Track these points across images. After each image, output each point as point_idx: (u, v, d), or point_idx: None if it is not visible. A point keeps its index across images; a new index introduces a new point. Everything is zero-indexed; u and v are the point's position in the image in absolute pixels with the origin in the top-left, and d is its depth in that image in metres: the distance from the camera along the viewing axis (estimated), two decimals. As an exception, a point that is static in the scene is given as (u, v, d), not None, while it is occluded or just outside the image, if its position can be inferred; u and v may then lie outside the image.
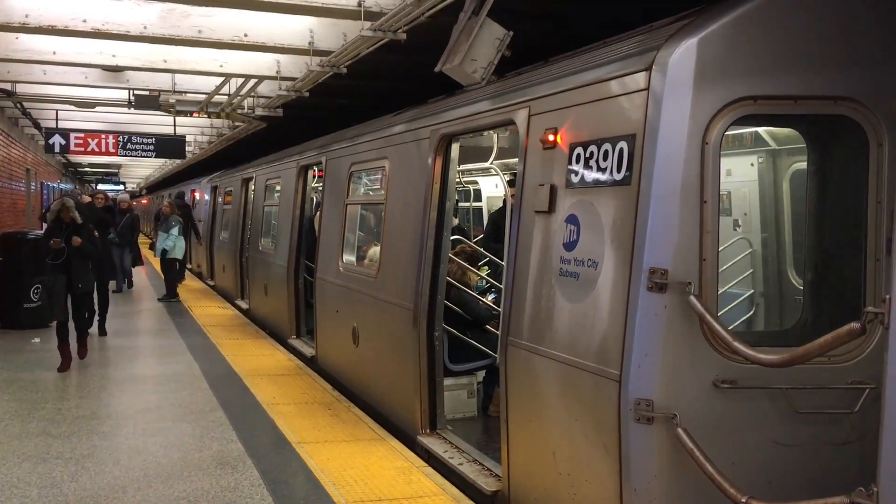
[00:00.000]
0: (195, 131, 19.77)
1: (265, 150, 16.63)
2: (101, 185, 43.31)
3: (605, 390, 4.07)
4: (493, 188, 13.94)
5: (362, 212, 9.65)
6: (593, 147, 4.41)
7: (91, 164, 35.01)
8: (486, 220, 12.84)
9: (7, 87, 12.70)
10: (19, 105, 14.98)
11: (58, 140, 15.80)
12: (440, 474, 5.83)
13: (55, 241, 9.35)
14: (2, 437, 6.76)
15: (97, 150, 16.11)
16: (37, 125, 17.67)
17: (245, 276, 14.90)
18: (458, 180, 7.34)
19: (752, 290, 6.44)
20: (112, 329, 12.60)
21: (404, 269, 6.89)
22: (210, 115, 13.74)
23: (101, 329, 11.73)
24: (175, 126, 16.87)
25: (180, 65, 10.45)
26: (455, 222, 9.24)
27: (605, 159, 4.30)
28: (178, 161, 25.39)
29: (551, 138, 4.78)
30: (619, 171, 4.19)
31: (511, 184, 6.61)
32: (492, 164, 7.09)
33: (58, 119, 16.58)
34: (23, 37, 9.64)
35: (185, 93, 12.88)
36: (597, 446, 4.17)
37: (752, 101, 3.93)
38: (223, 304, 15.87)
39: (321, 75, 9.38)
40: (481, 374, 7.41)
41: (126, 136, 16.38)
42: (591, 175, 4.42)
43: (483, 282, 8.39)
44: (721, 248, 4.17)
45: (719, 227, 3.96)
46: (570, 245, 4.52)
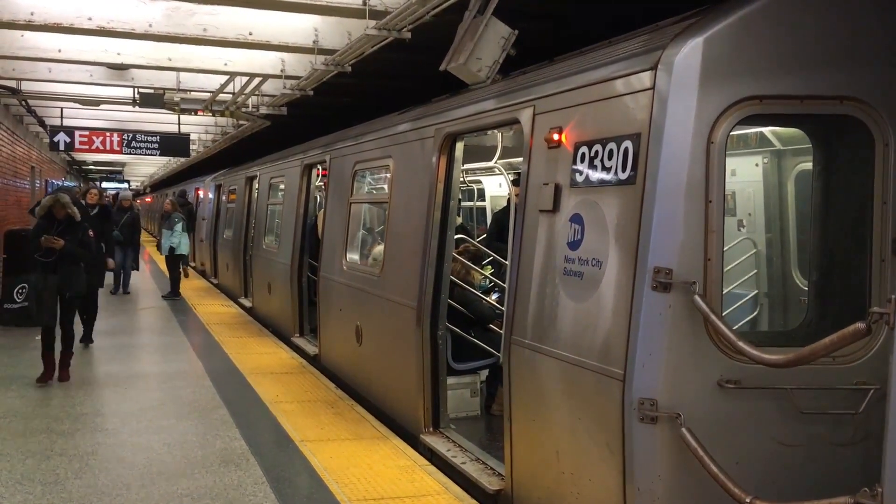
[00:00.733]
0: (199, 130, 19.80)
1: (269, 148, 16.65)
2: (105, 183, 43.35)
3: (609, 390, 4.07)
4: (496, 187, 13.95)
5: (366, 210, 9.65)
6: (598, 146, 4.41)
7: (95, 162, 35.07)
8: (489, 220, 12.84)
9: (12, 84, 12.72)
10: (24, 103, 15.01)
11: (62, 138, 15.83)
12: (443, 473, 5.83)
13: (46, 238, 8.46)
14: (6, 433, 6.77)
15: (102, 147, 16.14)
16: (41, 123, 17.70)
17: (248, 274, 14.92)
18: (461, 179, 7.34)
19: (757, 291, 6.43)
20: (115, 327, 12.63)
21: (408, 268, 6.89)
22: (214, 114, 13.75)
23: (87, 337, 10.83)
24: (179, 124, 16.89)
25: (185, 63, 10.47)
26: (458, 221, 9.24)
27: (610, 159, 4.30)
28: (183, 159, 25.41)
29: (556, 137, 4.78)
30: (623, 170, 4.18)
31: (515, 183, 6.61)
32: (496, 163, 7.09)
33: (62, 117, 16.61)
34: (28, 34, 9.66)
35: (190, 91, 12.89)
36: (600, 446, 4.17)
37: (757, 100, 3.93)
38: (227, 302, 15.88)
39: (325, 74, 9.39)
40: (484, 373, 7.40)
41: (130, 135, 16.41)
42: (596, 174, 4.42)
43: (486, 281, 8.39)
44: (726, 248, 4.16)
45: (724, 227, 3.95)
46: (574, 244, 4.51)
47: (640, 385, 3.90)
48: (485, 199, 14.52)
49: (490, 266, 8.86)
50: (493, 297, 8.12)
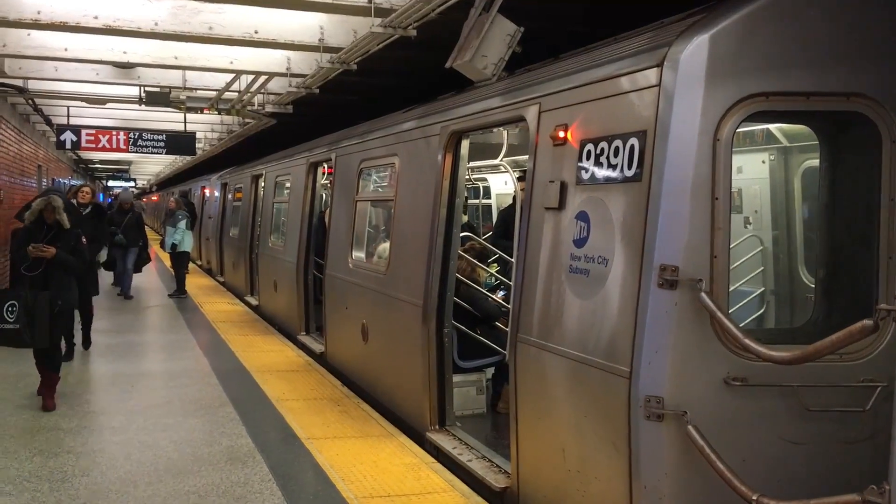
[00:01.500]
0: (205, 128, 19.82)
1: (275, 146, 16.66)
2: (111, 182, 43.44)
3: (615, 387, 4.07)
4: (502, 185, 13.93)
5: (372, 208, 9.65)
6: (604, 144, 4.40)
7: (102, 161, 35.13)
8: (495, 217, 12.83)
9: (19, 83, 12.75)
10: (31, 101, 15.05)
11: (69, 136, 15.87)
12: (449, 471, 5.84)
13: (35, 247, 7.44)
14: (14, 431, 6.80)
15: (108, 146, 16.16)
16: (48, 121, 17.74)
17: (254, 272, 14.94)
18: (467, 177, 7.33)
19: (763, 288, 6.42)
20: (122, 325, 12.67)
21: (414, 266, 6.89)
22: (220, 112, 13.78)
23: (86, 340, 10.31)
24: (185, 123, 16.91)
25: (191, 61, 10.47)
26: (464, 219, 9.24)
27: (616, 156, 4.29)
28: (189, 158, 25.45)
29: (561, 135, 4.77)
30: (629, 167, 4.18)
31: (521, 180, 6.61)
32: (501, 160, 7.09)
33: (69, 115, 16.65)
34: (34, 33, 9.69)
35: (196, 89, 12.91)
36: (606, 443, 4.17)
37: (763, 97, 3.92)
38: (233, 300, 15.91)
39: (331, 72, 9.39)
40: (490, 371, 7.41)
41: (137, 133, 16.43)
42: (602, 172, 4.41)
43: (492, 279, 8.39)
44: (732, 245, 4.15)
45: (730, 225, 3.94)
46: (580, 242, 4.51)
47: (647, 382, 3.89)
48: (490, 197, 14.51)
49: (496, 264, 8.85)
50: (499, 294, 8.13)
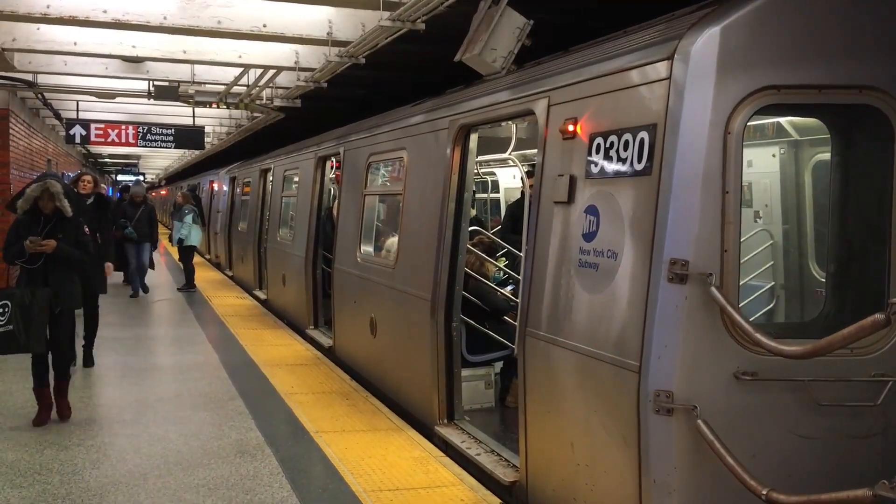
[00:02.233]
0: (214, 122, 19.85)
1: (283, 141, 16.68)
2: (121, 176, 43.56)
3: (625, 381, 4.06)
4: (511, 179, 13.91)
5: (380, 202, 9.65)
6: (613, 137, 4.38)
7: (111, 155, 35.23)
8: (503, 212, 12.82)
9: (28, 77, 12.79)
10: (40, 96, 15.09)
11: (78, 131, 15.92)
12: (458, 464, 5.84)
13: (32, 240, 6.65)
14: (24, 424, 6.83)
15: (117, 140, 16.21)
16: (58, 116, 17.80)
17: (263, 266, 14.97)
18: (476, 171, 7.32)
19: (774, 282, 6.39)
20: (132, 318, 12.71)
21: (422, 260, 6.89)
22: (229, 106, 13.79)
23: (87, 358, 9.09)
24: (194, 117, 16.95)
25: (199, 55, 10.49)
26: (473, 213, 9.23)
27: (626, 149, 4.27)
28: (197, 152, 25.51)
29: (571, 128, 4.76)
30: (639, 161, 4.16)
31: (530, 175, 6.59)
32: (510, 154, 7.07)
33: (78, 110, 16.70)
34: (44, 27, 9.71)
35: (205, 84, 12.93)
36: (616, 438, 4.16)
37: (775, 90, 3.89)
38: (241, 294, 15.95)
39: (339, 66, 9.38)
40: (499, 365, 7.40)
41: (146, 127, 16.47)
42: (612, 165, 4.39)
43: (501, 273, 8.38)
44: (742, 239, 4.13)
45: (741, 218, 3.92)
46: (589, 236, 4.50)
47: (656, 377, 3.88)
48: (499, 191, 14.50)
49: (504, 258, 8.84)
50: (508, 289, 8.12)
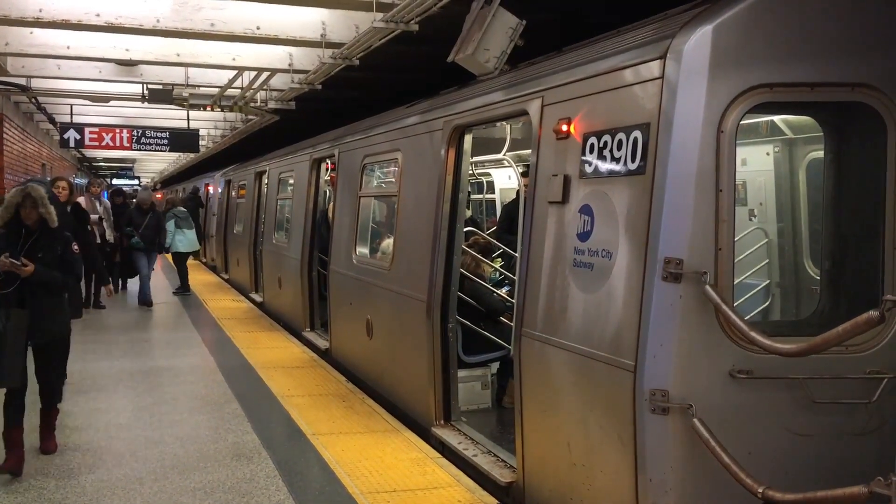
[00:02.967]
0: (208, 125, 19.85)
1: (278, 143, 16.66)
2: (116, 180, 43.49)
3: (620, 381, 4.06)
4: (506, 180, 13.90)
5: (375, 204, 9.65)
6: (607, 137, 4.39)
7: (106, 159, 35.21)
8: (499, 212, 12.82)
9: (22, 81, 12.78)
10: (34, 100, 15.09)
11: (72, 135, 15.91)
12: (455, 465, 5.84)
13: (7, 258, 5.64)
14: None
15: (112, 144, 16.21)
16: (52, 120, 17.79)
17: (259, 269, 14.95)
18: (470, 172, 7.32)
19: (769, 280, 6.40)
20: (127, 322, 12.68)
21: (418, 261, 6.89)
22: (223, 109, 13.80)
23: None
24: (188, 120, 16.94)
25: (193, 58, 10.49)
26: (468, 214, 9.22)
27: (620, 149, 4.28)
28: (192, 155, 25.49)
29: (565, 128, 4.76)
30: (633, 160, 4.16)
31: (524, 175, 6.59)
32: (505, 155, 7.07)
33: (72, 113, 16.69)
34: (37, 31, 9.70)
35: (199, 86, 12.92)
36: (612, 437, 4.16)
37: (768, 88, 3.90)
38: (237, 297, 15.93)
39: (333, 67, 9.38)
40: (495, 366, 7.40)
41: (140, 131, 16.47)
42: (605, 165, 4.40)
43: (497, 273, 8.38)
44: (737, 237, 4.14)
45: (735, 217, 3.92)
46: (584, 235, 4.50)
47: (652, 376, 3.88)
48: (494, 192, 14.49)
49: (500, 258, 8.84)
50: (504, 289, 8.12)
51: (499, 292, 7.67)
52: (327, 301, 9.92)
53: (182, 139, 16.92)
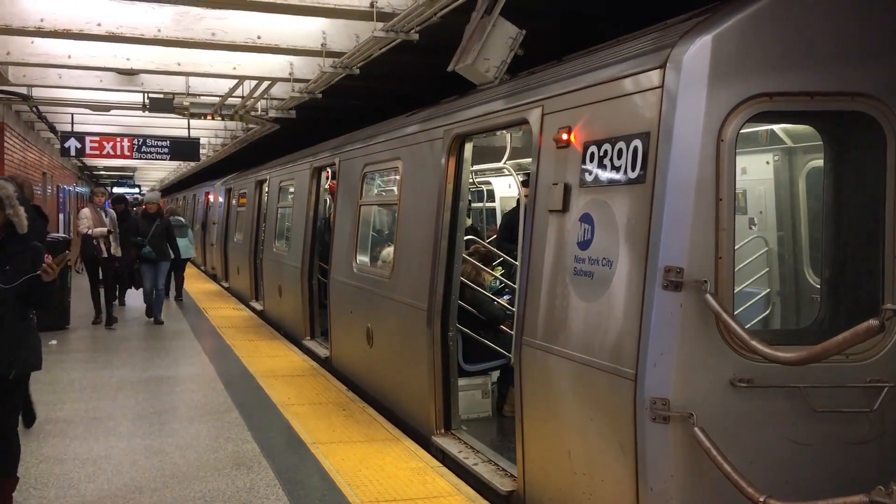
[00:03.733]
0: (209, 134, 19.88)
1: (279, 152, 16.69)
2: (116, 188, 43.51)
3: (621, 389, 4.06)
4: (506, 188, 13.93)
5: (376, 212, 9.66)
6: (607, 146, 4.40)
7: (106, 168, 35.25)
8: (499, 221, 12.83)
9: (23, 90, 12.80)
10: (35, 109, 15.11)
11: (73, 143, 15.93)
12: (455, 474, 5.82)
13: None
14: (20, 438, 6.79)
15: (112, 153, 16.23)
16: (52, 129, 17.82)
17: (259, 277, 14.95)
18: (471, 180, 7.33)
19: (769, 289, 6.40)
20: (127, 331, 12.68)
21: (418, 270, 6.89)
22: (224, 118, 13.81)
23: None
24: (189, 129, 16.98)
25: (194, 67, 10.51)
26: (468, 222, 9.23)
27: (620, 158, 4.29)
28: (193, 163, 25.52)
29: (565, 137, 4.77)
30: (633, 169, 4.17)
31: (525, 184, 6.60)
32: (505, 163, 7.08)
33: (73, 122, 16.73)
34: (38, 41, 9.73)
35: (199, 95, 12.95)
36: (613, 446, 4.16)
37: (767, 97, 3.91)
38: (238, 305, 15.92)
39: (334, 76, 9.40)
40: (496, 374, 7.39)
41: (141, 139, 16.50)
42: (606, 174, 4.40)
43: (497, 282, 8.39)
44: (737, 246, 4.14)
45: (735, 226, 3.93)
46: (584, 244, 4.50)
47: (652, 385, 3.88)
48: (494, 200, 14.51)
49: (500, 267, 8.84)
50: (504, 298, 8.12)
51: (499, 301, 7.68)
52: (327, 309, 9.92)
53: (182, 148, 16.95)
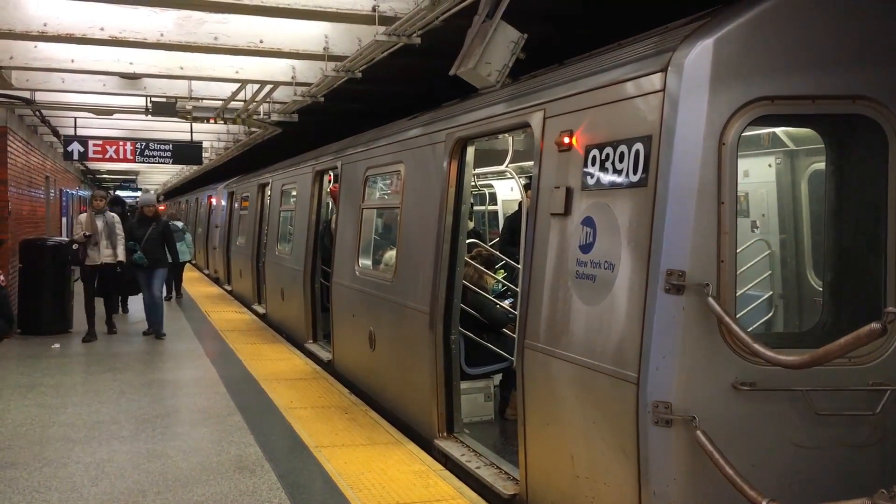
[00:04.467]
0: (212, 137, 19.88)
1: (281, 155, 16.71)
2: (119, 192, 43.57)
3: (623, 393, 4.06)
4: (508, 191, 13.94)
5: (378, 216, 9.67)
6: (609, 149, 4.40)
7: (109, 171, 35.26)
8: (501, 224, 12.83)
9: (26, 95, 12.81)
10: (38, 113, 15.12)
11: (76, 147, 15.93)
12: (457, 478, 5.82)
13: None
14: (23, 442, 6.81)
15: (115, 156, 16.22)
16: (55, 133, 17.83)
17: (261, 280, 14.97)
18: (473, 184, 7.34)
19: (771, 292, 6.40)
20: (128, 334, 12.68)
21: (420, 273, 6.90)
22: (226, 122, 13.81)
23: None
24: (192, 132, 16.98)
25: (197, 71, 10.52)
26: (471, 226, 9.23)
27: (621, 161, 4.29)
28: (195, 167, 25.53)
29: (567, 140, 4.78)
30: (635, 172, 4.18)
31: (527, 187, 6.61)
32: (507, 167, 7.09)
33: (76, 126, 16.72)
34: (41, 45, 9.74)
35: (202, 99, 12.95)
36: (615, 449, 4.16)
37: (769, 101, 3.91)
38: (240, 308, 15.94)
39: (336, 80, 9.41)
40: (498, 378, 7.40)
41: (143, 143, 16.49)
42: (607, 177, 4.41)
43: (499, 285, 8.39)
44: (739, 249, 4.15)
45: (737, 229, 3.93)
46: (586, 247, 4.51)
47: (655, 388, 3.88)
48: (497, 204, 14.52)
49: (503, 270, 8.85)
50: (507, 301, 8.12)
51: (501, 304, 7.68)
52: (330, 313, 9.93)
53: (185, 151, 16.94)
